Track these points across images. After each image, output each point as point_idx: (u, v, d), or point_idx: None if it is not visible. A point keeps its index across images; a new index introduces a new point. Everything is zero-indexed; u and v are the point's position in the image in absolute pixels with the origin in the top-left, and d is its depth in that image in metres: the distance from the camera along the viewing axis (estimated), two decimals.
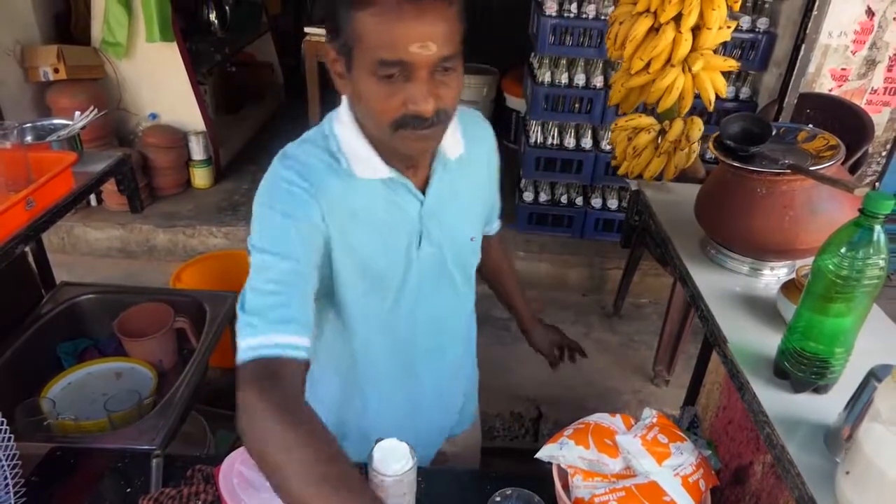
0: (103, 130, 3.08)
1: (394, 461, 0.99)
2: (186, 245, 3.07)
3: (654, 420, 1.10)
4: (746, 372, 1.06)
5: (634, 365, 2.60)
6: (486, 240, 1.31)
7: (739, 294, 1.29)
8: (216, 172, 3.47)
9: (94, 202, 3.18)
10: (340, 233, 0.99)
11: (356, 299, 1.07)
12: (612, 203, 3.08)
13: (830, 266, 0.91)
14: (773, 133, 1.32)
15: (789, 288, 1.15)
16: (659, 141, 2.04)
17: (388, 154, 0.97)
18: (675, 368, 2.45)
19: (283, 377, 0.85)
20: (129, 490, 1.13)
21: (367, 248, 1.02)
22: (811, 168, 1.18)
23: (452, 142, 1.04)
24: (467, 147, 1.07)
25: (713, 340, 1.18)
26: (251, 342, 0.89)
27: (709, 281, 1.33)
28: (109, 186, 1.87)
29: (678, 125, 1.99)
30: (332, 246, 0.99)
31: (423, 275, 1.09)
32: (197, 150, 3.31)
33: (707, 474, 1.04)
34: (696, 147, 2.05)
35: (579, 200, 3.12)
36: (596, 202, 3.10)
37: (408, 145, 0.91)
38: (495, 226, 1.33)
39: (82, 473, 1.17)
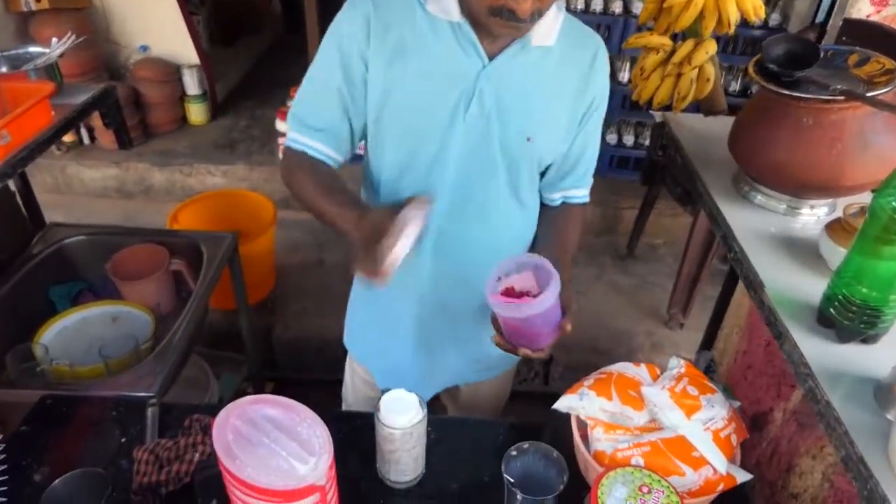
0: (91, 64, 2.92)
1: (402, 413, 0.93)
2: (184, 184, 2.97)
3: (682, 370, 1.02)
4: (786, 319, 0.97)
5: (648, 307, 2.53)
6: (565, 209, 1.18)
7: (775, 235, 1.19)
8: (212, 108, 3.32)
9: (86, 140, 3.06)
10: (387, 61, 0.97)
11: (390, 161, 1.05)
12: (628, 139, 2.94)
13: (894, 203, 0.80)
14: (821, 56, 1.19)
15: (835, 228, 1.05)
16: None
17: (472, 15, 0.93)
18: (691, 311, 2.37)
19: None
20: (123, 440, 1.07)
21: (412, 87, 0.98)
22: (867, 94, 1.05)
23: (543, 30, 0.98)
24: (562, 45, 1.00)
25: (748, 285, 1.09)
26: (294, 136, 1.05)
27: (742, 220, 1.22)
28: (101, 124, 1.75)
29: (686, 46, 1.82)
30: (372, 72, 0.98)
31: (463, 149, 1.01)
32: (191, 85, 3.15)
33: (739, 428, 0.97)
34: (711, 74, 1.88)
35: None
36: (611, 138, 2.95)
37: (497, 29, 0.91)
38: (582, 193, 1.18)
39: (74, 423, 1.11)
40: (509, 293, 0.99)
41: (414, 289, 1.15)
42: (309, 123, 1.04)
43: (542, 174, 1.14)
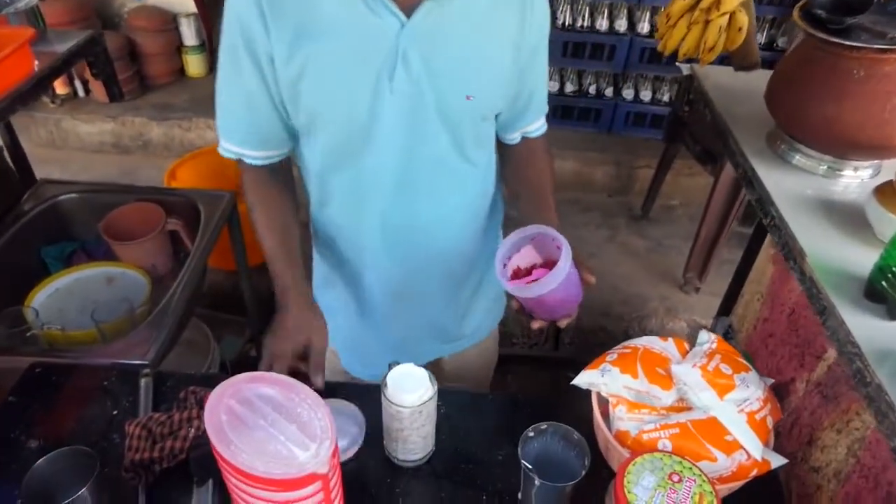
0: (81, 12, 2.78)
1: (410, 390, 0.86)
2: (183, 139, 2.87)
3: (714, 346, 0.95)
4: (831, 293, 0.89)
5: (662, 270, 2.45)
6: (526, 144, 1.10)
7: (813, 198, 1.10)
8: (211, 59, 3.19)
9: (81, 92, 2.94)
10: (290, 49, 0.86)
11: (321, 149, 0.97)
12: (646, 94, 2.81)
13: None
14: (875, 1, 1.07)
15: (885, 193, 0.96)
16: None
17: None
18: (708, 275, 2.29)
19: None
20: (115, 413, 1.01)
21: (324, 67, 0.87)
22: None
23: None
24: None
25: (786, 254, 1.01)
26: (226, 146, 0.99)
27: (776, 182, 1.13)
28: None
29: None
30: (280, 66, 0.88)
31: (397, 122, 0.91)
32: (189, 35, 3.02)
33: (774, 409, 0.90)
34: (744, 23, 1.74)
35: (609, 91, 2.84)
36: (627, 93, 2.82)
37: None
38: (537, 126, 1.09)
39: (64, 394, 1.05)
40: (518, 274, 0.94)
41: (371, 268, 1.09)
42: (230, 128, 0.97)
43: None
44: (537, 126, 1.09)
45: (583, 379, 0.95)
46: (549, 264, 0.89)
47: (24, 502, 0.78)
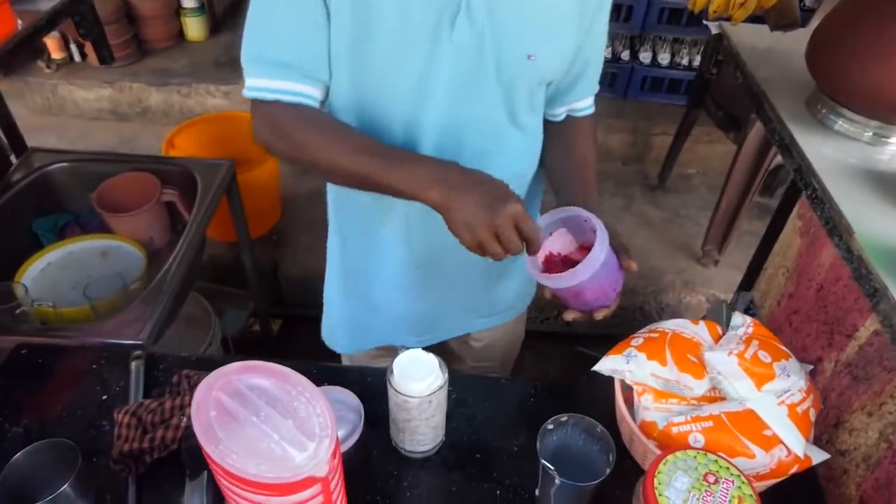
0: None
1: (419, 378, 0.79)
2: (183, 106, 2.77)
3: (750, 330, 0.87)
4: (883, 273, 0.80)
5: (680, 242, 2.36)
6: (572, 124, 1.01)
7: (857, 167, 1.00)
8: (211, 22, 3.06)
9: (77, 57, 2.84)
10: None
11: (363, 97, 0.86)
12: (664, 58, 2.68)
13: None
14: None
15: None
16: None
17: None
18: (728, 248, 2.20)
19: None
20: (105, 398, 0.95)
21: (384, 9, 0.77)
22: None
23: None
24: None
25: (830, 230, 0.92)
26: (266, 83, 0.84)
27: (817, 149, 1.04)
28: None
29: None
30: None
31: (452, 76, 0.83)
32: None
33: (816, 400, 0.83)
34: None
35: (625, 55, 2.71)
36: (645, 56, 2.69)
37: None
38: (587, 104, 1.00)
39: (51, 377, 0.99)
40: (550, 261, 0.86)
41: (402, 236, 1.00)
42: (287, 61, 0.82)
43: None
44: (586, 105, 1.00)
45: (605, 365, 0.88)
46: (586, 249, 0.81)
47: (1, 500, 0.72)
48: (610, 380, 0.90)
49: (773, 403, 0.77)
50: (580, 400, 0.98)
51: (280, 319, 2.20)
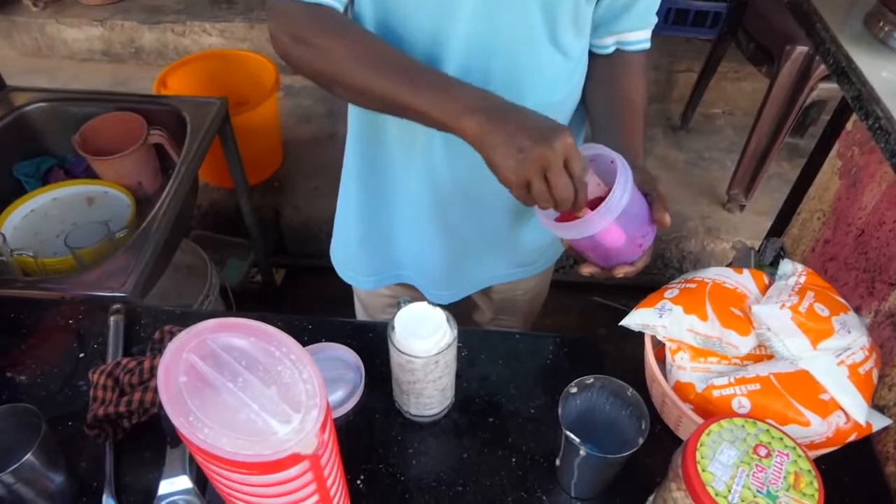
0: None
1: (424, 336, 0.69)
2: (177, 45, 2.62)
3: (803, 279, 0.76)
4: None
5: (703, 186, 2.23)
6: (621, 59, 0.88)
7: None
8: None
9: None
10: None
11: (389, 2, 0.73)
12: None
13: None
14: None
15: None
16: None
17: None
18: (755, 192, 2.07)
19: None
20: (81, 356, 0.87)
21: None
22: None
23: None
24: None
25: None
26: None
27: (880, 73, 0.90)
28: None
29: None
30: None
31: None
32: None
33: (879, 359, 0.72)
34: None
35: None
36: None
37: None
38: (640, 37, 0.87)
39: (24, 332, 0.90)
40: None
41: (425, 175, 0.88)
42: None
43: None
44: (639, 38, 0.86)
45: (635, 320, 0.78)
46: None
47: None
48: (637, 335, 0.81)
49: (831, 363, 0.67)
50: (604, 357, 0.89)
51: (283, 269, 2.12)
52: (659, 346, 0.79)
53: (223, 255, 1.99)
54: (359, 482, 0.74)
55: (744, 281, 0.76)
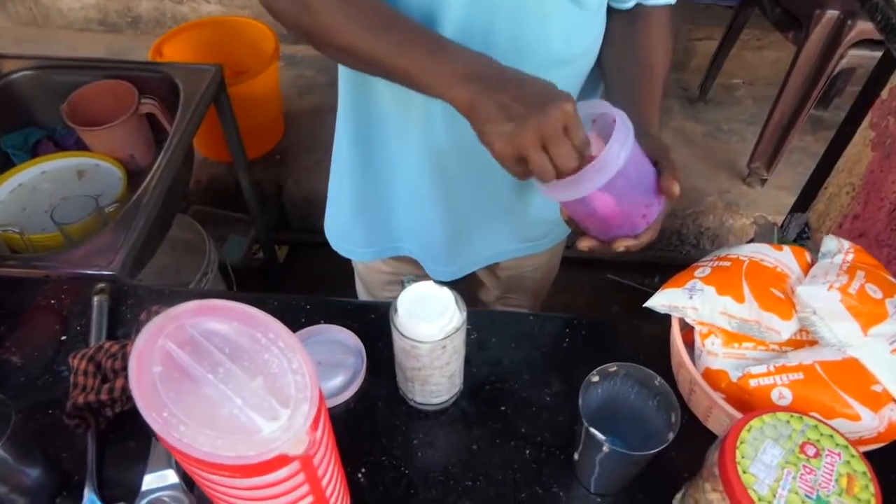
0: None
1: (430, 318, 0.62)
2: (175, 13, 2.53)
3: (851, 257, 0.69)
4: None
5: (722, 160, 2.14)
6: (643, 15, 0.79)
7: None
8: None
9: None
10: None
11: None
12: None
13: None
14: None
15: None
16: None
17: None
18: (778, 166, 1.98)
19: None
20: (63, 339, 0.81)
21: None
22: None
23: None
24: None
25: None
26: None
27: None
28: None
29: None
30: None
31: None
32: None
33: None
34: None
35: None
36: None
37: None
38: None
39: (5, 314, 0.84)
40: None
41: (423, 140, 0.81)
42: None
43: None
44: None
45: (661, 301, 0.71)
46: None
47: None
48: (654, 315, 0.74)
49: (884, 351, 0.60)
50: (623, 340, 0.82)
51: (286, 245, 2.06)
52: (686, 330, 0.72)
53: (223, 232, 1.93)
54: (359, 475, 0.68)
55: (784, 258, 0.69)
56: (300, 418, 0.45)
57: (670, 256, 2.04)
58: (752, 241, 1.63)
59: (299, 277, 2.00)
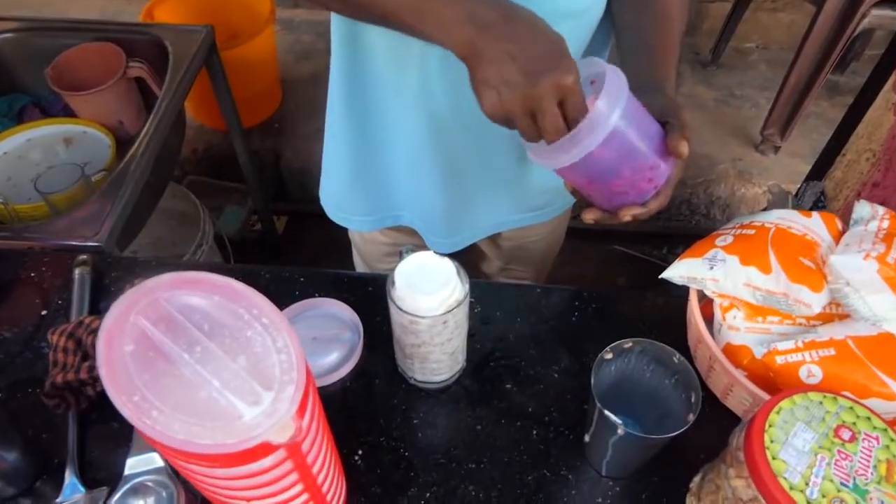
0: None
1: (430, 291, 0.58)
2: None
3: (887, 224, 0.63)
4: None
5: (734, 126, 2.07)
6: None
7: None
8: None
9: None
10: None
11: None
12: None
13: None
14: None
15: None
16: None
17: None
18: (792, 132, 1.91)
19: None
20: (44, 314, 0.77)
21: None
22: None
23: None
24: None
25: None
26: None
27: None
28: None
29: None
30: None
31: None
32: None
33: None
34: None
35: None
36: None
37: None
38: None
39: None
40: None
41: (420, 102, 0.74)
42: None
43: None
44: None
45: (679, 271, 0.66)
46: None
47: None
48: (663, 287, 0.70)
49: None
50: (635, 313, 0.78)
51: (285, 216, 2.01)
52: (703, 302, 0.67)
53: (220, 203, 1.88)
54: (356, 458, 0.64)
55: (813, 225, 0.64)
56: (285, 403, 0.41)
57: (680, 227, 1.99)
58: (765, 209, 1.58)
59: (300, 249, 1.96)
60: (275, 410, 0.41)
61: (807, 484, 0.45)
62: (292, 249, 1.95)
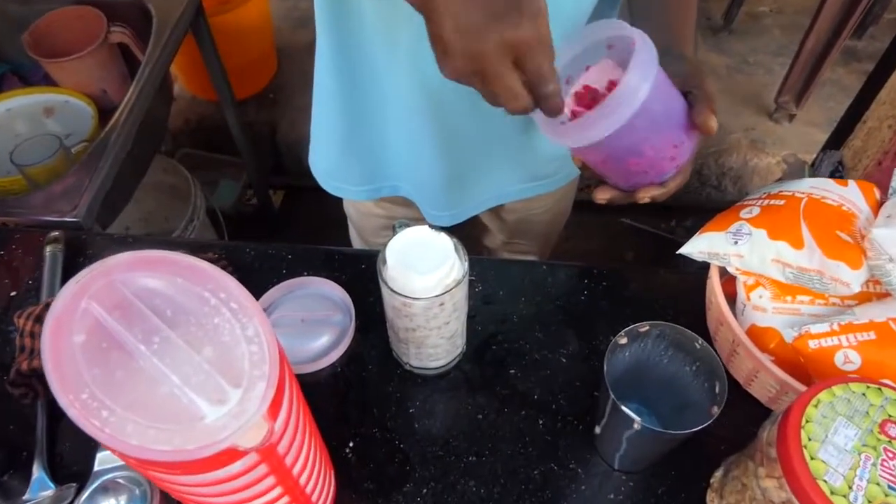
0: None
1: (425, 270, 0.52)
2: None
3: None
4: None
5: (747, 94, 1.99)
6: None
7: None
8: None
9: None
10: None
11: None
12: None
13: None
14: None
15: None
16: None
17: None
18: (808, 100, 1.83)
19: None
20: (13, 294, 0.72)
21: None
22: None
23: None
24: None
25: None
26: None
27: None
28: None
29: None
30: None
31: None
32: None
33: None
34: None
35: None
36: None
37: None
38: None
39: None
40: (582, 101, 0.53)
41: (412, 66, 0.67)
42: None
43: None
44: None
45: (700, 246, 0.60)
46: None
47: None
48: (675, 262, 0.64)
49: None
50: (649, 292, 0.72)
51: (282, 190, 1.95)
52: (724, 279, 0.62)
53: (215, 176, 1.82)
54: (347, 451, 0.59)
55: (850, 195, 0.58)
56: (254, 402, 0.36)
57: (689, 199, 1.92)
58: (779, 181, 1.51)
59: (297, 224, 1.90)
60: (242, 411, 0.36)
61: (850, 488, 0.40)
62: (289, 225, 1.89)
